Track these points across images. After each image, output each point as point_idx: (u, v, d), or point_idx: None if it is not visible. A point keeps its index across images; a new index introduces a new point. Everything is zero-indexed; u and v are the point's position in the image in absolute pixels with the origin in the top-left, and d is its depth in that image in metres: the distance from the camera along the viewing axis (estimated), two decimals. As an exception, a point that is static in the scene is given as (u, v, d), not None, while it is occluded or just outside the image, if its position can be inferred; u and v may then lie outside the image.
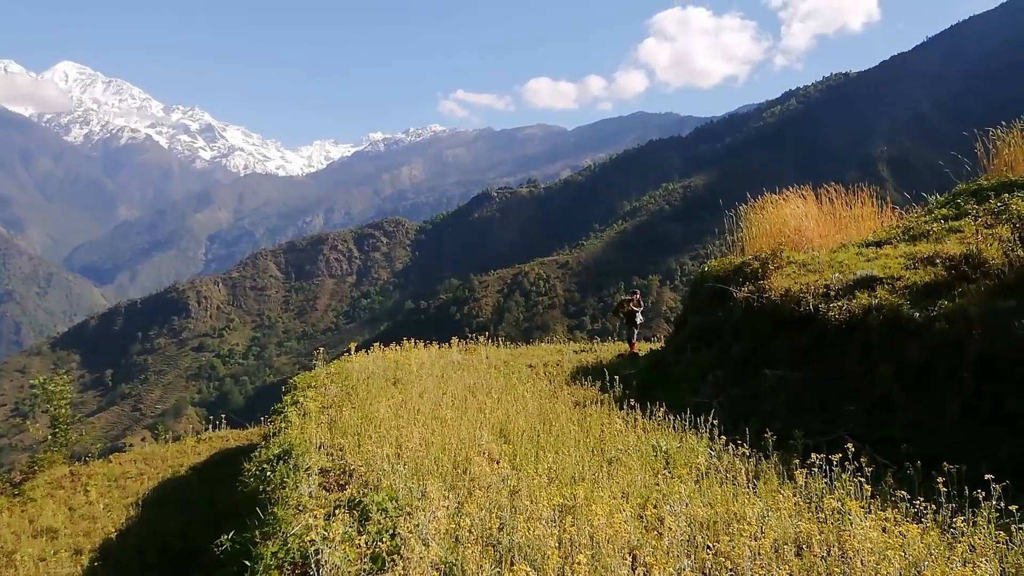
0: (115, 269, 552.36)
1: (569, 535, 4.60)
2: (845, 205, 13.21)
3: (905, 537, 4.44)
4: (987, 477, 4.88)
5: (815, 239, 12.39)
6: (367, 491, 5.85)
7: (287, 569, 4.97)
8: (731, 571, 4.26)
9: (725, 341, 11.11)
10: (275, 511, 5.94)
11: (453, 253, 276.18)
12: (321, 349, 13.62)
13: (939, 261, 8.56)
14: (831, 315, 8.70)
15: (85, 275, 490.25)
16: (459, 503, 5.26)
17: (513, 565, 4.33)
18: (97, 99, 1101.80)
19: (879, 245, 10.84)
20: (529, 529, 4.65)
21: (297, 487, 6.25)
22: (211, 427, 18.24)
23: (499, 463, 6.41)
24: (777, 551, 4.54)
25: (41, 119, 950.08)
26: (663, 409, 8.29)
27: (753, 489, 5.76)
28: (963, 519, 4.72)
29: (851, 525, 4.57)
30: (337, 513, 5.18)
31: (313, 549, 4.57)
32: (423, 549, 4.38)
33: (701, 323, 12.45)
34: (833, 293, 9.15)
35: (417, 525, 4.77)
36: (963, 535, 4.58)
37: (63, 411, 16.88)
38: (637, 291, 18.12)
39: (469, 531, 4.75)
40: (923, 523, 4.76)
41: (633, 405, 8.54)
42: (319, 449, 7.29)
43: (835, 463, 5.63)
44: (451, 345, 15.38)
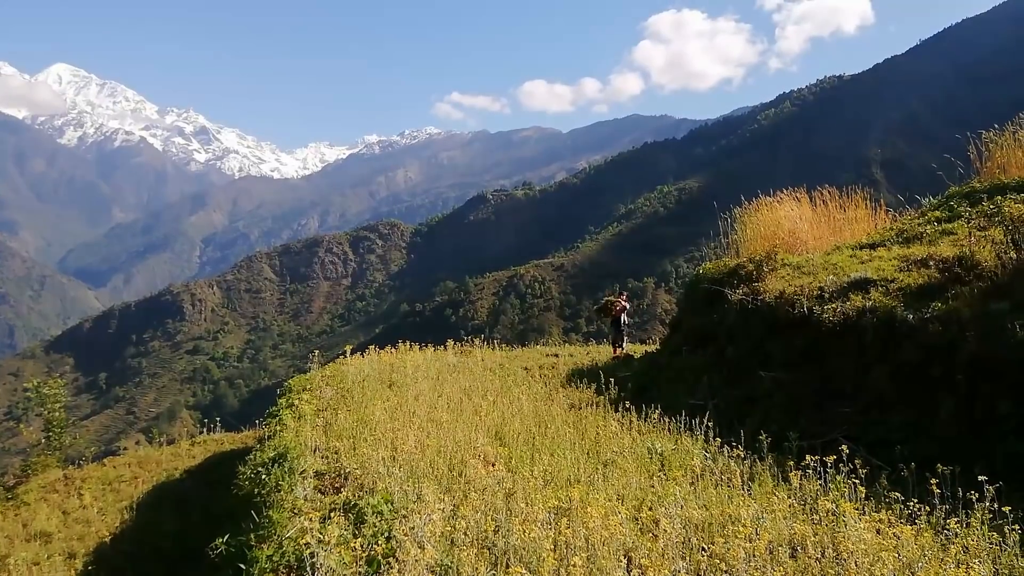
0: (109, 272, 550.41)
1: (565, 537, 4.60)
2: (839, 207, 13.25)
3: (899, 539, 4.46)
4: (981, 479, 4.90)
5: (809, 241, 12.43)
6: (362, 494, 5.84)
7: (282, 572, 4.96)
8: (726, 573, 4.27)
9: (720, 343, 11.13)
10: (270, 514, 5.93)
11: (448, 255, 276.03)
12: (316, 352, 13.59)
13: (932, 263, 8.59)
14: (825, 317, 8.72)
15: (79, 278, 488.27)
16: (455, 506, 5.26)
17: (509, 567, 4.34)
18: (91, 101, 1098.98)
19: (873, 247, 10.87)
20: (525, 531, 4.65)
21: (292, 490, 6.24)
22: (205, 430, 18.20)
23: (495, 465, 6.41)
24: (772, 553, 4.55)
25: (35, 121, 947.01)
26: (658, 411, 8.30)
27: (748, 491, 5.77)
28: (957, 520, 4.75)
29: (845, 527, 4.59)
30: (332, 516, 5.18)
31: (308, 552, 4.56)
32: (419, 552, 4.37)
33: (696, 325, 12.47)
34: (827, 295, 9.18)
35: (413, 528, 4.77)
36: (957, 536, 4.60)
37: (57, 414, 16.83)
38: (625, 292, 17.94)
39: (465, 534, 4.75)
40: (917, 524, 4.78)
41: (628, 407, 8.55)
42: (314, 452, 7.27)
43: (830, 465, 5.64)
44: (446, 348, 15.37)
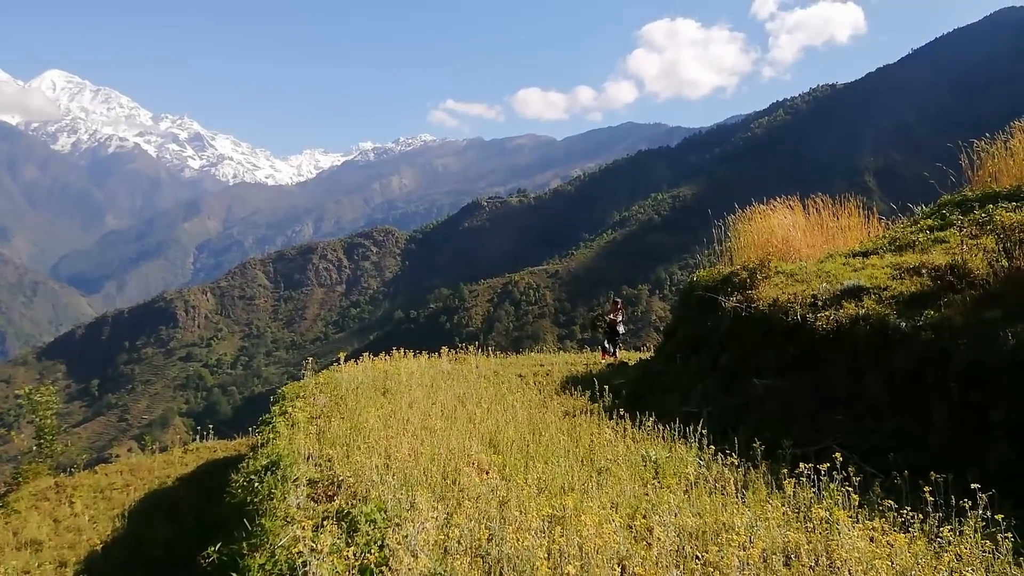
0: (102, 278, 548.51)
1: (559, 545, 4.59)
2: (832, 215, 13.29)
3: (893, 546, 4.46)
4: (973, 486, 4.91)
5: (802, 249, 12.46)
6: (356, 502, 5.82)
7: (275, 581, 4.94)
8: (720, 581, 4.26)
9: (714, 350, 11.14)
10: (263, 522, 5.90)
11: (443, 262, 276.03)
12: (310, 359, 13.56)
13: (925, 271, 8.62)
14: (819, 325, 8.74)
15: (72, 284, 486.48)
16: (448, 514, 5.24)
17: (502, 576, 4.33)
18: (85, 107, 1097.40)
19: (866, 255, 10.91)
20: (518, 540, 4.64)
21: (285, 498, 6.22)
22: (198, 437, 18.10)
23: (488, 473, 6.40)
24: (766, 561, 4.55)
25: (28, 127, 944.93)
26: (652, 419, 8.30)
27: (742, 499, 5.77)
28: (950, 528, 4.75)
29: (839, 535, 4.59)
30: (325, 524, 5.16)
31: (301, 561, 4.54)
32: (412, 560, 4.36)
33: (690, 332, 12.49)
34: (821, 303, 9.20)
35: (406, 536, 4.75)
36: (950, 544, 4.61)
37: (48, 422, 16.72)
38: (619, 300, 17.78)
39: (458, 542, 4.74)
40: (911, 532, 4.79)
41: (623, 415, 8.54)
42: (307, 460, 7.25)
43: (823, 472, 5.65)
44: (441, 355, 15.35)
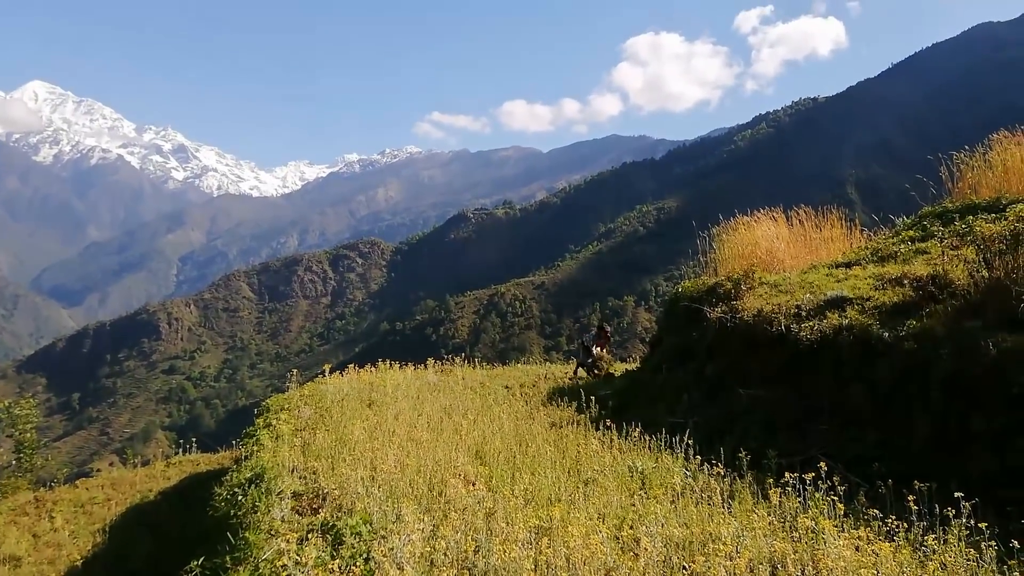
0: (84, 291, 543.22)
1: (545, 557, 4.57)
2: (815, 227, 13.41)
3: (878, 555, 4.49)
4: (957, 495, 4.95)
5: (786, 260, 12.55)
6: (341, 515, 5.78)
7: (258, 595, 4.89)
8: (707, 591, 4.26)
9: (700, 361, 11.18)
10: (247, 536, 5.83)
11: (429, 274, 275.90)
12: (295, 371, 13.47)
13: (907, 282, 8.71)
14: (803, 335, 8.79)
15: (53, 297, 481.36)
16: (434, 526, 5.21)
17: (489, 588, 4.30)
18: (67, 119, 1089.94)
19: (848, 266, 11.00)
20: (505, 551, 4.61)
21: (269, 511, 6.15)
22: (181, 451, 17.90)
23: (475, 485, 6.37)
24: (752, 571, 4.56)
25: (9, 139, 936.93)
26: (639, 429, 8.30)
27: (728, 509, 5.77)
28: (934, 537, 4.78)
29: (825, 544, 4.61)
30: (310, 537, 5.11)
31: (286, 574, 4.49)
32: (398, 573, 4.33)
33: (676, 343, 12.53)
34: (804, 313, 9.26)
35: (391, 549, 4.72)
36: (935, 553, 4.64)
37: (28, 435, 16.51)
38: (607, 327, 16.98)
39: (444, 554, 4.71)
40: (895, 541, 4.81)
41: (609, 426, 8.54)
42: (292, 472, 7.19)
43: (808, 482, 5.67)
44: (427, 367, 15.30)
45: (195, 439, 18.98)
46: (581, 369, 15.93)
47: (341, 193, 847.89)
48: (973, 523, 4.80)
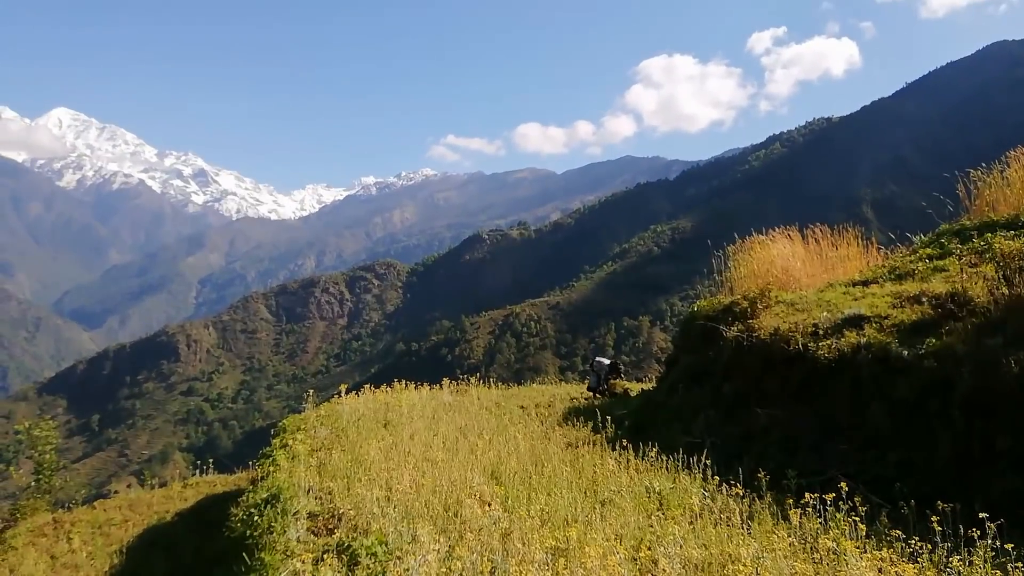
0: (105, 313, 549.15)
1: (562, 578, 4.54)
2: (831, 245, 13.34)
3: (901, 577, 4.41)
4: (981, 516, 4.87)
5: (802, 279, 12.48)
6: (356, 535, 5.76)
7: (274, 616, 4.87)
8: (726, 613, 4.21)
9: (716, 380, 11.09)
10: (262, 556, 5.84)
11: (444, 295, 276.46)
12: (311, 392, 13.52)
13: (925, 299, 8.63)
14: (820, 354, 8.72)
15: (74, 319, 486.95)
16: (450, 546, 5.19)
17: (505, 609, 4.27)
18: (91, 144, 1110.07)
19: (866, 284, 10.92)
20: (521, 572, 4.58)
21: (285, 532, 6.15)
22: (198, 472, 17.93)
23: (491, 505, 6.34)
24: (772, 592, 4.50)
25: (34, 165, 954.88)
26: (656, 449, 8.24)
27: (747, 530, 5.71)
28: (959, 559, 4.70)
29: (847, 565, 4.54)
30: (326, 558, 5.11)
31: (301, 595, 4.49)
32: (413, 594, 4.31)
33: (692, 362, 12.45)
34: (822, 332, 9.19)
35: (407, 569, 4.70)
36: (960, 574, 4.55)
37: (48, 457, 16.60)
38: (620, 365, 16.47)
39: (460, 575, 4.68)
40: (919, 563, 4.73)
41: (625, 446, 8.49)
42: (308, 493, 7.19)
43: (829, 503, 5.60)
44: (442, 387, 15.29)
45: (212, 460, 19.02)
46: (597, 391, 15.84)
47: (358, 215, 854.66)
48: (999, 544, 4.71)
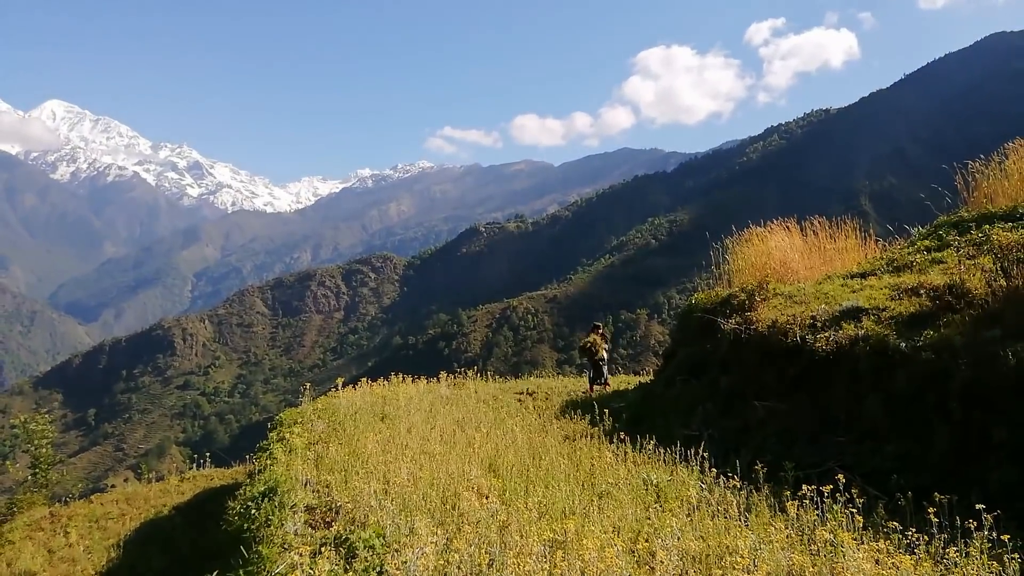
0: (100, 307, 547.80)
1: (560, 570, 4.53)
2: (829, 238, 13.33)
3: (898, 568, 4.41)
4: (978, 507, 4.88)
5: (800, 271, 12.48)
6: (354, 528, 5.76)
7: (272, 610, 4.87)
8: (724, 605, 4.21)
9: (714, 373, 11.10)
10: (260, 550, 5.83)
11: (441, 288, 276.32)
12: (308, 386, 13.50)
13: (923, 291, 8.63)
14: (818, 346, 8.72)
15: (70, 313, 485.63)
16: (448, 539, 5.19)
17: (503, 602, 4.26)
18: (85, 137, 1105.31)
19: (864, 276, 10.92)
20: (519, 564, 4.58)
21: (282, 525, 6.14)
22: (195, 466, 17.94)
23: (488, 498, 6.33)
24: (770, 584, 4.50)
25: (28, 157, 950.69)
26: (653, 442, 8.25)
27: (745, 522, 5.71)
28: (956, 550, 4.71)
29: (844, 557, 4.54)
30: (323, 551, 5.09)
31: (299, 588, 4.48)
32: (411, 587, 4.30)
33: (689, 355, 12.45)
34: (820, 324, 9.19)
35: (405, 562, 4.69)
36: (956, 566, 4.56)
37: (44, 451, 16.60)
38: (598, 324, 16.94)
39: (458, 567, 4.68)
40: (916, 554, 4.74)
41: (623, 438, 8.50)
42: (305, 486, 7.18)
43: (826, 495, 5.61)
44: (439, 380, 15.29)
45: (209, 454, 19.02)
46: (596, 381, 15.86)
47: (354, 208, 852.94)
48: (995, 535, 4.72)
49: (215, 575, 6.02)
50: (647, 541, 5.27)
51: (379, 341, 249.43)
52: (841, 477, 5.77)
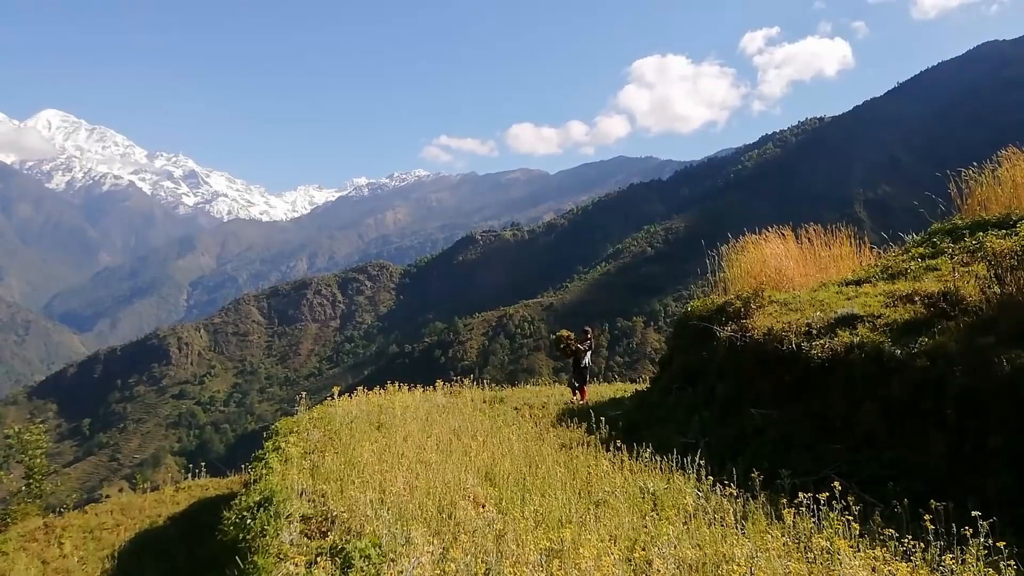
0: (95, 316, 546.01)
1: (556, 579, 4.52)
2: (824, 245, 13.37)
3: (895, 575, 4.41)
4: (974, 514, 4.88)
5: (796, 278, 12.51)
6: (350, 538, 5.74)
7: (267, 620, 4.84)
8: (721, 614, 4.20)
9: (710, 380, 11.11)
10: (255, 560, 5.80)
11: (438, 296, 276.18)
12: (304, 394, 13.45)
13: (918, 299, 8.65)
14: (814, 353, 8.73)
15: (64, 322, 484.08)
16: (444, 548, 5.17)
17: (500, 611, 4.25)
18: (80, 146, 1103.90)
19: (859, 284, 10.96)
20: (516, 574, 4.57)
21: (278, 535, 6.12)
22: (190, 476, 17.85)
23: (485, 507, 6.32)
24: (767, 592, 4.49)
25: (23, 166, 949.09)
26: (650, 450, 8.24)
27: (742, 530, 5.71)
28: (952, 557, 4.71)
29: (841, 564, 4.54)
30: (319, 561, 5.07)
31: (294, 598, 4.46)
32: (407, 596, 4.28)
33: (686, 363, 12.46)
34: (815, 331, 9.21)
35: (401, 572, 4.68)
36: (953, 573, 4.56)
37: (38, 461, 16.51)
38: (588, 328, 16.73)
39: (454, 577, 4.66)
40: (912, 561, 4.74)
41: (620, 446, 8.48)
42: (301, 495, 7.15)
43: (823, 502, 5.60)
44: (436, 388, 15.27)
45: (204, 464, 18.93)
46: (575, 392, 15.79)
47: (350, 217, 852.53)
48: (992, 542, 4.72)
49: (210, 586, 5.99)
50: (644, 549, 5.26)
51: (375, 350, 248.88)
52: (837, 484, 5.77)
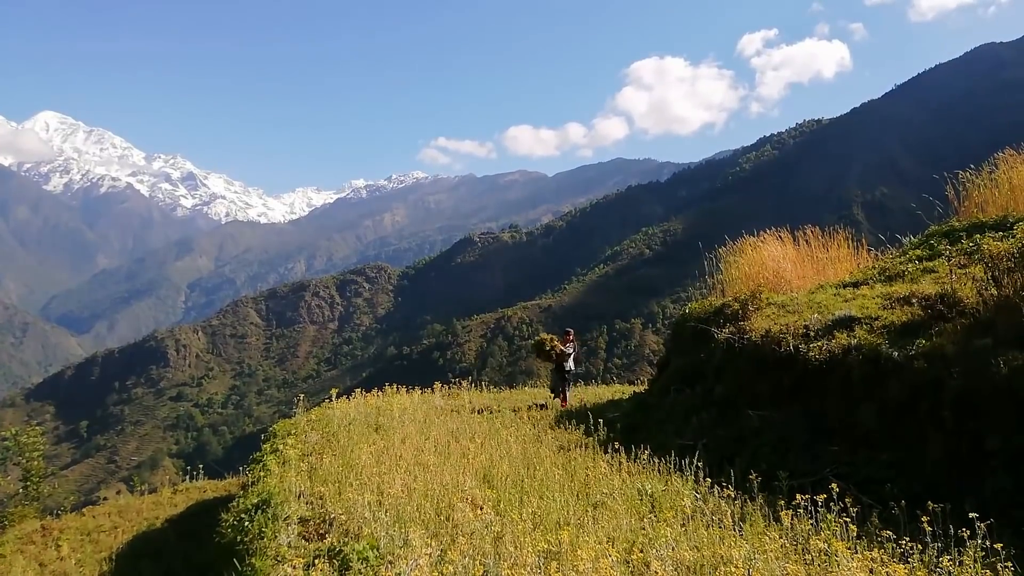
0: (93, 318, 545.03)
1: (554, 581, 4.52)
2: (822, 247, 13.40)
3: (892, 577, 4.42)
4: (971, 515, 4.89)
5: (793, 280, 12.53)
6: (348, 540, 5.73)
7: (265, 623, 4.84)
8: (719, 616, 4.20)
9: (708, 382, 11.12)
10: (253, 562, 5.80)
11: (436, 298, 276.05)
12: (302, 396, 13.45)
13: (915, 301, 8.66)
14: (811, 355, 8.74)
15: (62, 324, 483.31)
16: (442, 550, 5.17)
17: (498, 614, 4.25)
18: (78, 148, 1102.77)
19: (856, 286, 10.98)
20: (514, 576, 4.56)
21: (276, 537, 6.11)
22: (188, 478, 17.84)
23: (483, 509, 6.32)
24: (765, 594, 4.49)
25: (20, 168, 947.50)
26: (648, 452, 8.25)
27: (739, 531, 5.71)
28: (949, 558, 4.71)
29: (838, 566, 4.54)
30: (317, 563, 5.07)
31: (292, 601, 4.45)
32: (405, 599, 4.28)
33: (684, 364, 12.47)
34: (813, 333, 9.22)
35: (399, 574, 4.67)
36: (950, 574, 4.56)
37: (35, 464, 16.49)
38: (571, 330, 16.66)
39: (452, 579, 4.66)
40: (910, 563, 4.74)
41: (618, 448, 8.49)
42: (299, 498, 7.15)
43: (820, 504, 5.61)
44: (434, 391, 15.27)
45: (202, 466, 18.93)
46: (558, 397, 15.71)
47: (348, 219, 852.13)
48: (989, 544, 4.73)
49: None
50: (642, 551, 5.26)
51: (373, 352, 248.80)
52: (835, 486, 5.78)
